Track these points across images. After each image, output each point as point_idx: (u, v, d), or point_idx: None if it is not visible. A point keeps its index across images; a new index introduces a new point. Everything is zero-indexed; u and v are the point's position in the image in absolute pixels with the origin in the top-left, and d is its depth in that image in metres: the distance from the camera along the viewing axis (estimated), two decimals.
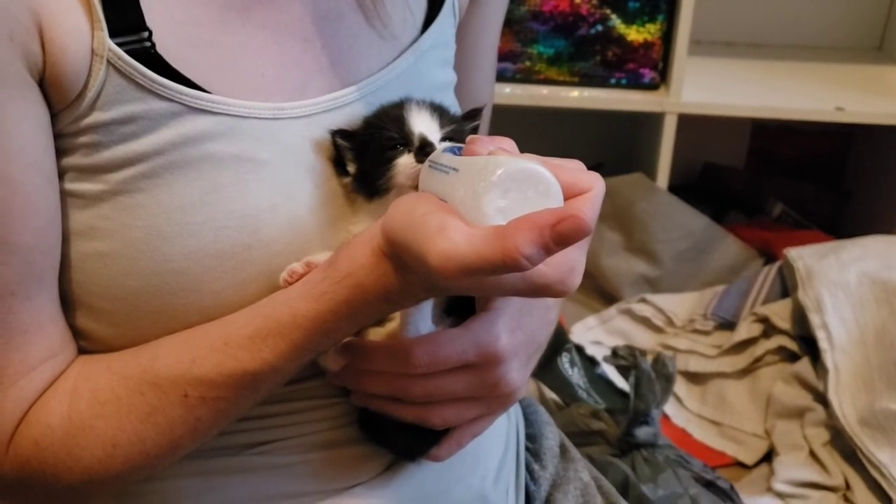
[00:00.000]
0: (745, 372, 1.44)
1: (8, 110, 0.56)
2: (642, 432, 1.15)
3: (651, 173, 1.59)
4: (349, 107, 0.68)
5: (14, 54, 0.55)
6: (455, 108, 0.75)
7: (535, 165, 0.50)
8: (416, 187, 0.63)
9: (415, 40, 0.73)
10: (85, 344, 0.64)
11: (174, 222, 0.60)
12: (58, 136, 0.60)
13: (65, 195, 0.61)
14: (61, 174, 0.60)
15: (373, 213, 0.66)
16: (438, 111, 0.66)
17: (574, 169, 0.53)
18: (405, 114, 0.65)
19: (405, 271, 0.54)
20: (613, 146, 1.85)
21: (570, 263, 0.51)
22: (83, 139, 0.59)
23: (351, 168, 0.66)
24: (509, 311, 0.64)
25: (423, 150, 0.62)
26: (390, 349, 0.62)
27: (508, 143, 0.57)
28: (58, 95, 0.58)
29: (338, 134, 0.65)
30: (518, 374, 0.65)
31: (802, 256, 1.40)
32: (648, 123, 1.64)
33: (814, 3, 1.76)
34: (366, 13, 0.70)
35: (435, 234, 0.49)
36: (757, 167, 1.96)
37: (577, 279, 0.52)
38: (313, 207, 0.65)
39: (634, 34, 1.44)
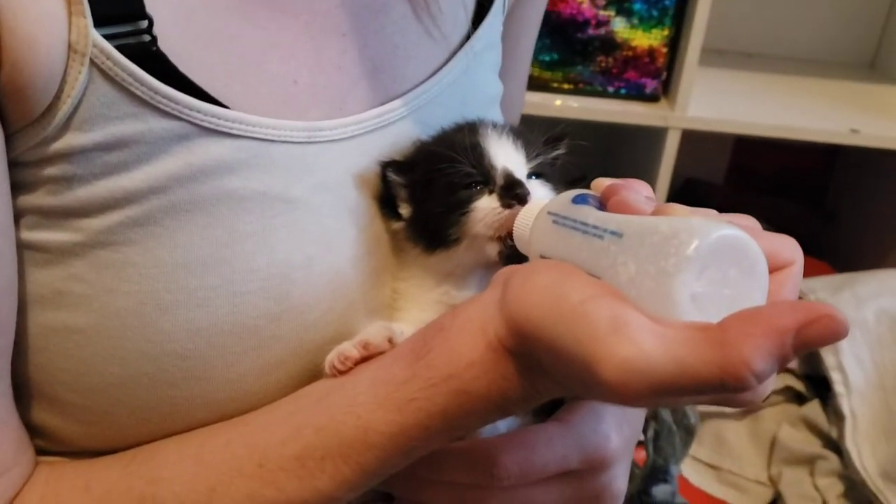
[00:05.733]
0: (746, 412, 1.33)
1: None
2: (660, 491, 1.04)
3: None
4: (397, 124, 0.53)
5: None
6: None
7: (738, 232, 0.36)
8: (498, 238, 0.49)
9: (465, 39, 0.59)
10: (43, 444, 0.47)
11: (176, 287, 0.44)
12: (14, 166, 0.42)
13: (21, 248, 0.43)
14: (17, 218, 0.43)
15: (431, 269, 0.51)
16: (522, 138, 0.52)
17: (769, 235, 0.40)
18: (481, 141, 0.50)
19: (536, 375, 0.39)
20: (600, 157, 1.72)
21: None
22: (51, 170, 0.42)
23: (404, 210, 0.51)
24: None
25: (510, 190, 0.48)
26: (469, 455, 0.46)
27: (646, 188, 0.43)
28: (18, 108, 0.41)
29: (390, 167, 0.50)
30: (624, 479, 0.50)
31: (814, 290, 1.30)
32: (642, 137, 1.52)
33: (815, 19, 1.67)
34: (413, 4, 0.55)
35: (609, 332, 0.34)
36: (737, 184, 1.86)
37: (769, 388, 0.38)
38: (356, 259, 0.50)
39: (639, 39, 1.31)
